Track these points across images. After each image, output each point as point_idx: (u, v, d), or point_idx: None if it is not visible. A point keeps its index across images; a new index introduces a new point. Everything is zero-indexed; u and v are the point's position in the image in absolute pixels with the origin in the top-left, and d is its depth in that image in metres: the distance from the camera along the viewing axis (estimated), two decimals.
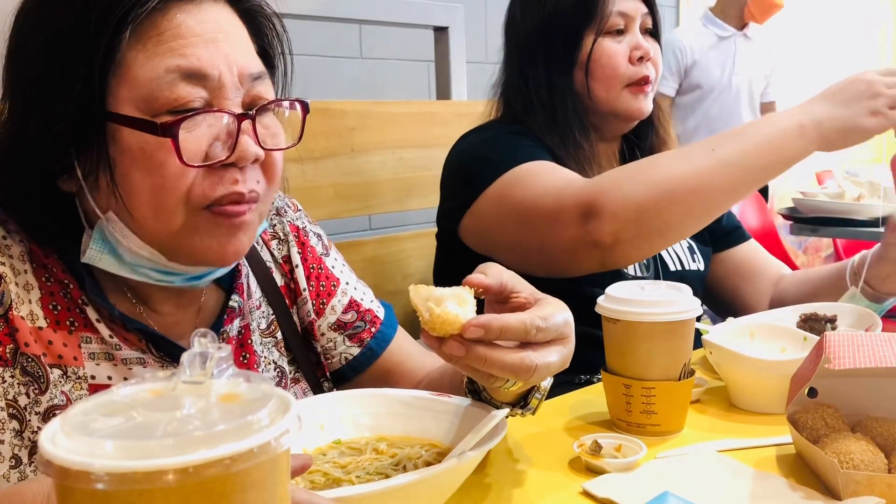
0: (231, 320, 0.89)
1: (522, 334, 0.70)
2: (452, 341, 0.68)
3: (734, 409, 1.03)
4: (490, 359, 0.68)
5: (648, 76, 1.35)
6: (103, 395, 0.42)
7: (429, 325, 0.69)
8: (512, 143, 1.30)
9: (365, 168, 1.60)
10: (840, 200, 2.26)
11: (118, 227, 0.75)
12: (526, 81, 1.37)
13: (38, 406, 0.75)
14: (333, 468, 0.76)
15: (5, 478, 0.73)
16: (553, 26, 1.34)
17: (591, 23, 1.32)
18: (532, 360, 0.69)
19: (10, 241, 0.78)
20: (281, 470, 0.41)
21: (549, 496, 0.79)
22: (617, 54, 1.33)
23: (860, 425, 0.83)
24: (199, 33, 0.73)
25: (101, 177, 0.73)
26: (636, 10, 1.34)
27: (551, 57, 1.35)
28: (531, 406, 0.83)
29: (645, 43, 1.35)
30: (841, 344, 0.79)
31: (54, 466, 0.37)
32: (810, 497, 0.76)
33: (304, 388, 0.98)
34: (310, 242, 1.01)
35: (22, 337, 0.75)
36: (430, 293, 0.69)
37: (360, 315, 1.02)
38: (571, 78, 1.35)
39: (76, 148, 0.73)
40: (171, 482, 0.36)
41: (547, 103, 1.35)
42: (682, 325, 0.92)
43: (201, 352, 0.42)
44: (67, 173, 0.75)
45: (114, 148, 0.72)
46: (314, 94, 2.33)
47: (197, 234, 0.75)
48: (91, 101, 0.70)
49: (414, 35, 2.31)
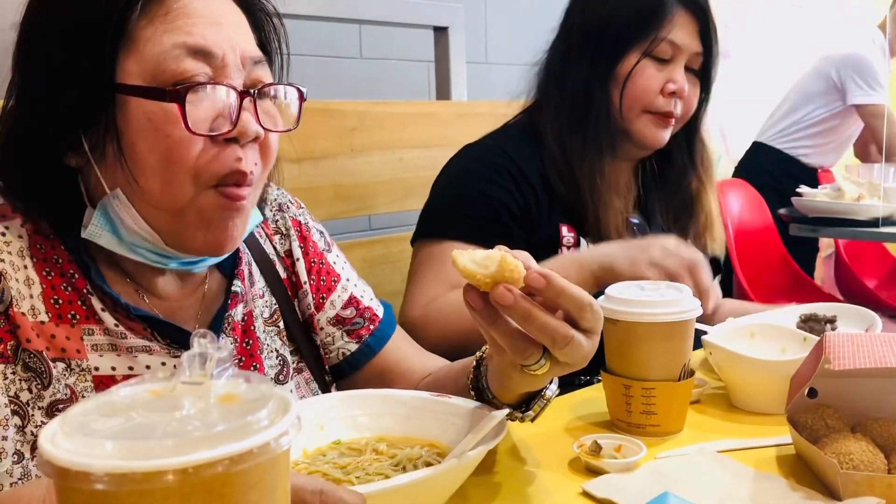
0: (234, 305, 0.90)
1: (577, 306, 0.70)
2: (503, 287, 0.68)
3: (734, 409, 1.03)
4: (533, 314, 0.69)
5: (672, 112, 1.35)
6: (103, 395, 0.42)
7: (485, 278, 0.69)
8: (463, 207, 1.32)
9: (365, 168, 1.60)
10: (840, 200, 2.26)
11: (123, 204, 0.76)
12: (566, 74, 1.37)
13: (41, 401, 0.76)
14: (333, 469, 0.76)
15: (8, 473, 0.73)
16: (607, 31, 1.34)
17: (641, 41, 1.32)
18: (571, 331, 0.70)
19: (10, 237, 0.78)
20: (281, 470, 0.41)
21: (549, 496, 0.79)
22: (652, 80, 1.33)
23: (860, 426, 0.84)
24: (205, 15, 0.75)
25: (108, 149, 0.74)
26: (689, 46, 1.34)
27: (596, 60, 1.35)
28: (532, 412, 0.83)
29: (682, 79, 1.34)
30: (841, 344, 0.79)
31: (54, 467, 0.37)
32: (810, 497, 0.76)
33: (306, 378, 0.98)
34: (311, 238, 1.02)
35: (23, 333, 0.75)
36: (473, 254, 0.70)
37: (359, 312, 1.03)
38: (608, 87, 1.35)
39: (84, 122, 0.74)
40: (170, 482, 0.36)
41: (581, 104, 1.35)
42: (682, 325, 0.92)
43: (201, 352, 0.42)
44: (73, 149, 0.76)
45: (122, 119, 0.74)
46: (314, 94, 2.32)
47: (200, 216, 0.77)
48: (102, 73, 0.72)
49: (414, 35, 2.31)
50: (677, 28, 1.32)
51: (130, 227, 0.77)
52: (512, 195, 1.32)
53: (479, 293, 0.71)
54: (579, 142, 1.34)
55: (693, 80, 1.37)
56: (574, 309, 0.71)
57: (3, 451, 0.73)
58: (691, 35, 1.34)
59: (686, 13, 1.33)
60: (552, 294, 0.70)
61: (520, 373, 0.75)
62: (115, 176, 0.76)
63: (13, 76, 0.78)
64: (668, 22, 1.32)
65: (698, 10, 1.34)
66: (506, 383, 0.80)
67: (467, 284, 0.71)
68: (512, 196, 1.32)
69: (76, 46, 0.73)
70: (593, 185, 1.32)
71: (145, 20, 0.73)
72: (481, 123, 1.83)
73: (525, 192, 1.33)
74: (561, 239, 1.33)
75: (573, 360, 0.72)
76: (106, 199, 0.77)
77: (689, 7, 1.33)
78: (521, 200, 1.32)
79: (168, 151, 0.73)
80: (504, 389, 0.81)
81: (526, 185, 1.33)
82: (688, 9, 1.33)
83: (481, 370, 0.85)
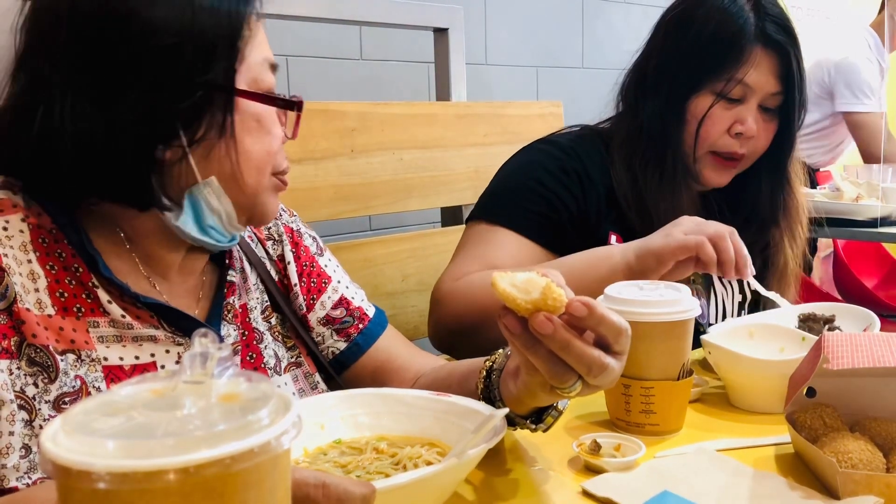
0: (231, 294, 0.93)
1: (615, 333, 0.71)
2: (542, 316, 0.68)
3: (733, 408, 1.03)
4: (572, 345, 0.69)
5: (737, 154, 1.31)
6: (104, 394, 0.42)
7: (526, 304, 0.68)
8: (523, 198, 1.30)
9: (365, 169, 1.61)
10: (839, 200, 2.26)
11: (215, 190, 0.83)
12: (640, 104, 1.33)
13: (48, 395, 0.77)
14: (334, 467, 0.76)
15: (15, 468, 0.74)
16: (683, 67, 1.30)
17: (715, 80, 1.27)
18: (606, 359, 0.71)
19: (12, 231, 0.79)
20: (281, 470, 0.42)
21: (549, 495, 0.79)
22: (720, 122, 1.29)
23: (858, 425, 0.84)
24: (262, 36, 0.87)
25: (217, 144, 0.81)
26: (763, 87, 1.28)
27: (671, 96, 1.31)
28: (545, 424, 0.83)
29: (752, 121, 1.28)
30: (839, 344, 0.79)
31: (55, 466, 0.37)
32: (809, 496, 0.77)
33: (304, 372, 1.00)
34: (303, 243, 1.05)
35: (28, 328, 0.76)
36: (513, 277, 0.70)
37: (349, 312, 1.05)
38: (683, 126, 1.31)
39: (187, 118, 0.79)
40: (171, 482, 0.36)
41: (657, 139, 1.31)
42: (681, 324, 0.92)
43: (202, 352, 0.42)
44: (166, 143, 0.79)
45: (237, 119, 0.82)
46: (314, 95, 2.33)
47: (267, 196, 0.88)
48: (229, 80, 0.81)
49: (414, 36, 2.31)
50: (753, 68, 1.26)
51: (216, 209, 0.84)
52: (575, 199, 1.30)
53: (516, 318, 0.70)
54: (655, 177, 1.30)
55: (767, 119, 1.31)
56: (611, 335, 0.71)
57: (10, 446, 0.74)
58: (768, 74, 1.27)
59: (766, 51, 1.26)
60: (593, 322, 0.70)
61: (548, 392, 0.75)
62: (210, 167, 0.82)
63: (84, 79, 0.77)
64: (745, 62, 1.25)
65: (780, 49, 1.27)
66: (528, 400, 0.80)
67: (504, 308, 0.71)
68: (575, 199, 1.30)
69: (205, 57, 0.79)
70: (665, 220, 1.26)
71: (246, 34, 0.83)
72: (481, 124, 1.84)
73: (589, 199, 1.30)
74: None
75: (604, 383, 0.73)
76: (197, 188, 0.82)
77: (769, 45, 1.26)
78: (582, 205, 1.30)
79: (269, 146, 0.85)
80: (522, 404, 0.81)
81: (591, 192, 1.31)
82: (768, 47, 1.26)
83: (492, 380, 0.85)
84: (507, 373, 0.82)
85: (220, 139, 0.81)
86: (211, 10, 0.79)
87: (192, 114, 0.79)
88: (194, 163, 0.81)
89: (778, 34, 1.27)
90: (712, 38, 1.27)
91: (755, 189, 1.38)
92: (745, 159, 1.33)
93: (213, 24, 0.79)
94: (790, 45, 1.28)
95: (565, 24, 3.24)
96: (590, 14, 3.32)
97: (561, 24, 3.22)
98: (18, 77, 0.80)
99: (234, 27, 0.81)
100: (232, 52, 0.81)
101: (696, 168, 1.33)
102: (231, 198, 0.84)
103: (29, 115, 0.77)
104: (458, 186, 1.79)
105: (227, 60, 0.80)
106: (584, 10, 3.30)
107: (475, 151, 1.82)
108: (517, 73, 3.06)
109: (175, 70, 0.77)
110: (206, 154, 0.81)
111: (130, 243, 0.85)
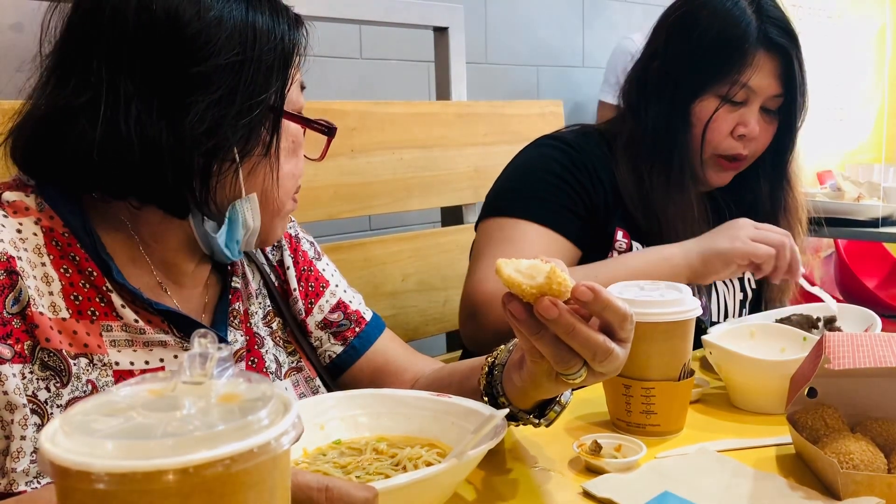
0: (236, 300, 0.94)
1: (619, 319, 0.71)
2: (548, 301, 0.68)
3: (734, 409, 1.03)
4: (577, 329, 0.69)
5: (741, 155, 1.31)
6: (103, 395, 0.42)
7: (531, 289, 0.69)
8: (539, 189, 1.29)
9: (365, 168, 1.60)
10: (840, 200, 2.26)
11: (254, 206, 0.86)
12: (644, 107, 1.33)
13: (60, 399, 0.77)
14: (334, 468, 0.76)
15: (26, 472, 0.74)
16: (686, 70, 1.29)
17: (719, 84, 1.27)
18: (611, 345, 0.71)
19: (26, 233, 0.79)
20: (281, 470, 0.41)
21: (549, 496, 0.79)
22: (724, 124, 1.29)
23: (860, 425, 0.84)
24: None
25: (260, 162, 0.84)
26: (765, 89, 1.28)
27: (676, 100, 1.31)
28: (548, 417, 0.83)
29: (755, 123, 1.29)
30: (840, 344, 0.79)
31: (54, 466, 0.37)
32: (810, 497, 0.77)
33: (305, 377, 1.00)
34: (301, 248, 1.06)
35: (42, 333, 0.76)
36: (518, 263, 0.70)
37: (346, 315, 1.05)
38: (688, 128, 1.31)
39: (243, 135, 0.81)
40: (171, 482, 0.36)
41: (664, 142, 1.31)
42: (682, 325, 0.92)
43: (201, 352, 0.42)
44: (222, 157, 0.81)
45: (283, 139, 0.86)
46: (314, 94, 2.32)
47: (282, 219, 0.91)
48: (281, 98, 0.85)
49: (414, 35, 2.31)
50: (756, 71, 1.26)
51: (249, 225, 0.86)
52: (588, 193, 1.30)
53: (521, 303, 0.71)
54: (663, 180, 1.30)
55: (768, 120, 1.32)
56: (616, 321, 0.71)
57: (22, 450, 0.74)
58: (770, 77, 1.27)
59: (768, 54, 1.27)
60: (598, 307, 0.70)
61: (553, 381, 0.75)
62: (251, 183, 0.85)
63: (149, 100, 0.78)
64: (748, 66, 1.26)
65: (782, 52, 1.27)
66: (532, 391, 0.80)
67: (507, 294, 0.71)
68: (588, 194, 1.30)
69: (264, 77, 0.82)
70: (674, 222, 1.29)
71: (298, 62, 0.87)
72: (481, 124, 1.84)
73: (598, 194, 1.31)
74: (614, 243, 1.31)
75: (609, 370, 0.73)
76: (239, 202, 0.84)
77: (771, 48, 1.27)
78: (593, 200, 1.30)
79: (297, 167, 0.90)
80: (525, 396, 0.81)
81: (599, 188, 1.31)
82: (770, 50, 1.27)
83: (494, 375, 0.84)
84: (511, 364, 0.82)
85: (265, 157, 0.84)
86: (268, 34, 0.82)
87: (248, 131, 0.81)
88: (242, 178, 0.83)
89: (780, 37, 1.27)
90: (715, 42, 1.27)
91: (756, 188, 1.39)
92: (746, 159, 1.34)
93: (269, 47, 0.82)
94: (792, 48, 1.28)
95: (566, 23, 3.25)
96: (590, 13, 3.32)
97: (561, 22, 3.22)
98: (63, 78, 0.79)
99: (286, 51, 0.84)
100: (285, 74, 0.84)
101: (701, 170, 1.34)
102: (263, 215, 0.87)
103: (84, 118, 0.77)
104: (458, 186, 1.79)
105: (281, 82, 0.84)
106: (585, 9, 3.30)
107: (475, 151, 1.82)
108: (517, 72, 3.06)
109: (238, 87, 0.80)
110: (250, 171, 0.84)
111: (146, 248, 0.85)
